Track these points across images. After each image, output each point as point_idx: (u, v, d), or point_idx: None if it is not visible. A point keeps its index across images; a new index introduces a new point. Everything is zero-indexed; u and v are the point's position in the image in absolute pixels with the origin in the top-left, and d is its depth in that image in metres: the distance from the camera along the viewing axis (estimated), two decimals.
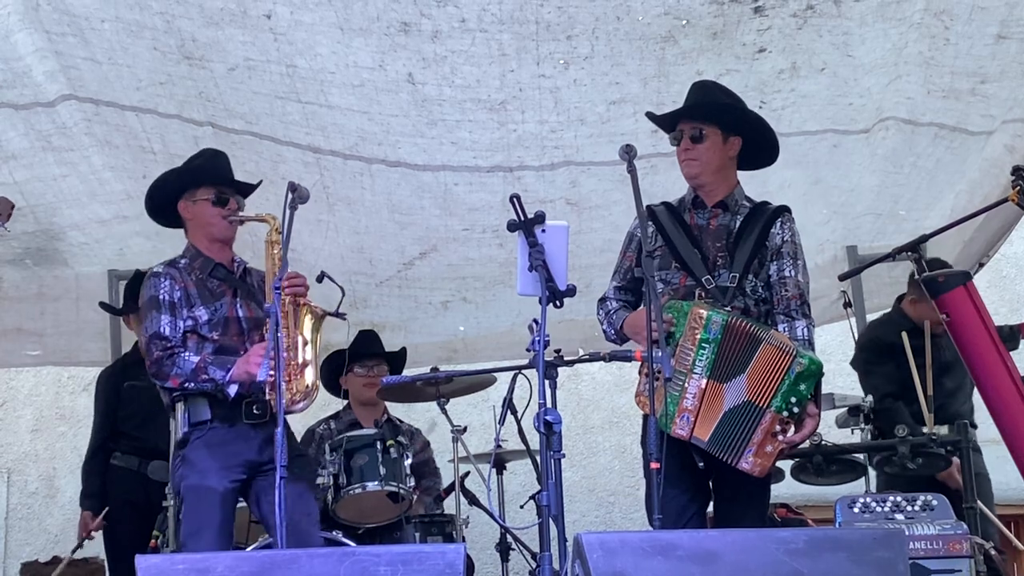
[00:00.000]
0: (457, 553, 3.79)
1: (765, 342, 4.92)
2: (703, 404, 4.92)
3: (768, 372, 4.90)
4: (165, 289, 5.58)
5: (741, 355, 4.94)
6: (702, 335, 4.91)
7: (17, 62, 6.35)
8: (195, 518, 5.38)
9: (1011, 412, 5.27)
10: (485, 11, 5.92)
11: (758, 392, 4.90)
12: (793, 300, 5.22)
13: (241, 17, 6.01)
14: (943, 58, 6.40)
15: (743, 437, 4.89)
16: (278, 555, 4.04)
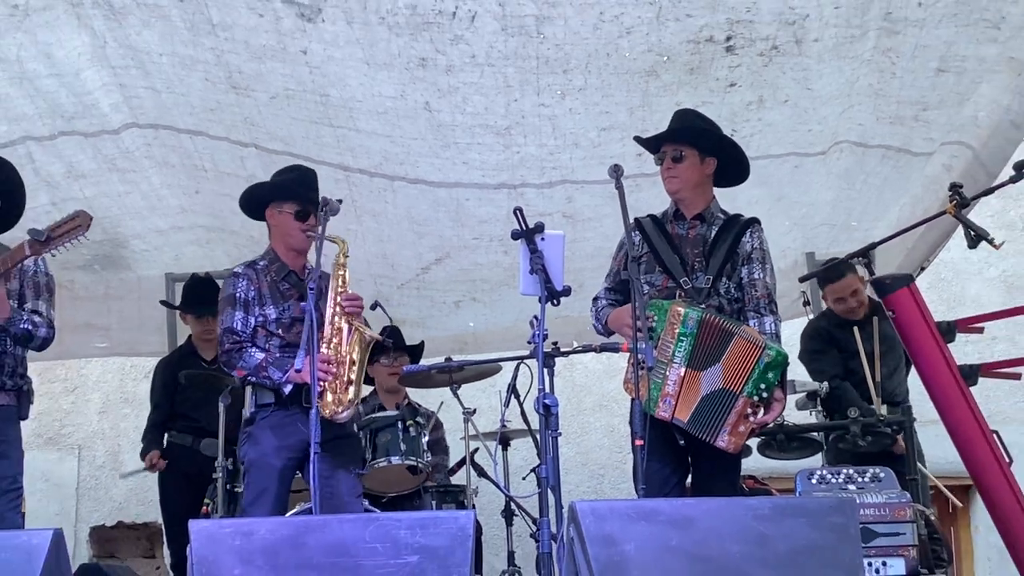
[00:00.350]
0: (468, 518, 3.78)
1: (737, 336, 4.95)
2: (682, 389, 4.95)
3: (741, 362, 4.92)
4: (241, 288, 5.58)
5: (716, 347, 4.96)
6: (680, 329, 4.94)
7: (86, 96, 6.38)
8: (256, 487, 5.40)
9: (948, 396, 5.28)
10: (492, 48, 5.92)
11: (732, 380, 4.92)
12: (762, 299, 5.24)
13: (281, 53, 6.01)
14: (890, 89, 6.41)
15: (719, 419, 4.92)
16: (312, 520, 4.03)
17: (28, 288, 5.33)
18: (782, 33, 5.91)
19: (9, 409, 5.28)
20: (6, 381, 5.26)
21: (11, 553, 3.64)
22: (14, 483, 5.23)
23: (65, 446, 10.13)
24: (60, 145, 6.69)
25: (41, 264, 5.36)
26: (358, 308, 5.47)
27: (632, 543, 3.68)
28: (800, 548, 3.71)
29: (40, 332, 5.26)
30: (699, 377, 4.95)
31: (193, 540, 3.66)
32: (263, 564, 3.62)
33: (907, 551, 4.94)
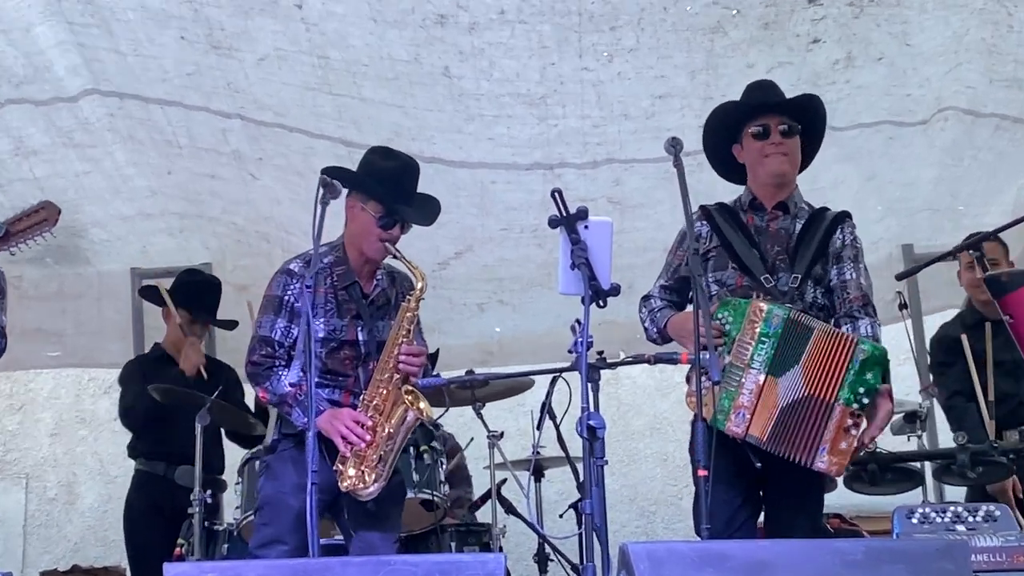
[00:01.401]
0: (498, 563, 3.79)
1: (817, 329, 4.91)
2: (759, 401, 4.86)
3: (828, 362, 4.86)
4: (292, 292, 5.44)
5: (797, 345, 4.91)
6: (762, 328, 4.87)
7: (38, 56, 6.43)
8: (267, 532, 5.35)
9: None
10: (525, 1, 5.94)
11: (820, 385, 4.85)
12: (856, 302, 5.17)
13: (272, 6, 6.05)
14: (1006, 46, 6.40)
15: (813, 434, 4.83)
16: (310, 563, 4.05)
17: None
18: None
19: None
20: None
21: None
22: None
23: (10, 475, 10.20)
24: (6, 115, 6.75)
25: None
26: (415, 368, 5.33)
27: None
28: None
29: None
30: (777, 384, 4.90)
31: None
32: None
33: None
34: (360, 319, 5.39)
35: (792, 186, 5.33)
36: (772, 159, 5.22)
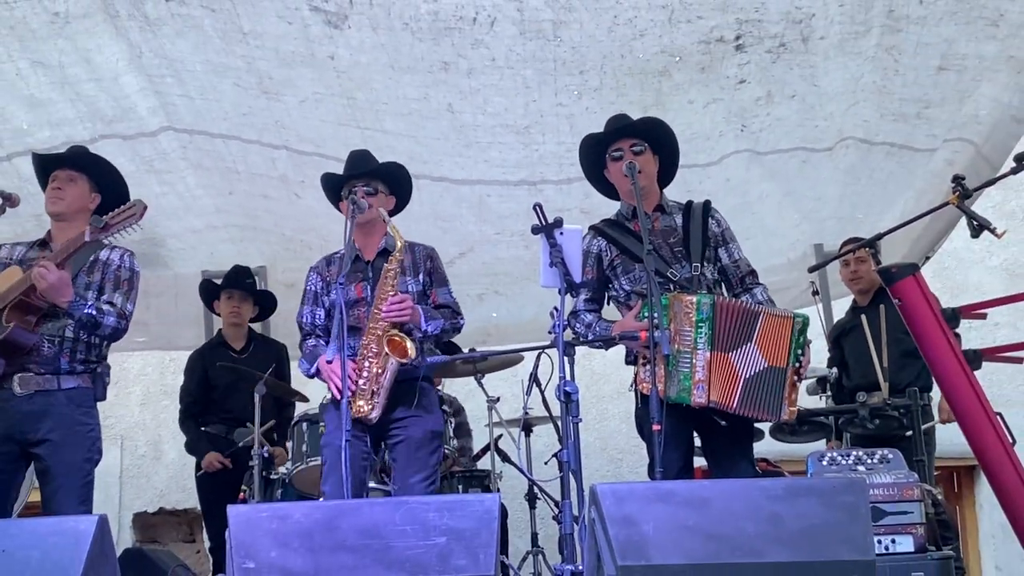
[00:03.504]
0: (493, 501, 3.76)
1: (763, 315, 4.90)
2: (712, 373, 4.84)
3: (778, 337, 4.88)
4: (311, 282, 5.55)
5: (741, 327, 4.88)
6: (696, 316, 4.84)
7: (125, 100, 6.40)
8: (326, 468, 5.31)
9: (953, 380, 5.25)
10: (511, 51, 5.93)
11: (775, 357, 4.87)
12: (747, 276, 5.26)
13: (309, 58, 6.02)
14: (893, 87, 6.39)
15: (778, 396, 4.87)
16: (345, 504, 4.03)
17: (109, 281, 5.31)
18: (789, 31, 5.91)
19: (82, 392, 5.19)
20: (77, 367, 5.21)
21: (60, 538, 3.65)
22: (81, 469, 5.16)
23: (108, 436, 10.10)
24: (101, 148, 6.66)
25: (126, 259, 5.35)
26: (399, 313, 5.23)
27: (651, 523, 3.66)
28: (812, 527, 3.68)
29: (107, 320, 5.15)
30: (728, 358, 4.86)
31: (231, 524, 3.66)
32: (298, 546, 3.61)
33: (915, 529, 4.91)
34: (365, 281, 5.32)
35: (657, 191, 5.28)
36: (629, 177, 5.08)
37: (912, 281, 5.41)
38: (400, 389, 5.29)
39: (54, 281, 4.94)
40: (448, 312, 5.50)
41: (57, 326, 5.14)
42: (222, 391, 7.30)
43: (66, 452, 5.09)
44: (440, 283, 5.55)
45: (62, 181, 5.32)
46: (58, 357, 5.14)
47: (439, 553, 3.63)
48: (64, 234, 5.25)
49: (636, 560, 3.60)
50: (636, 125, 5.28)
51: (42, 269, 4.92)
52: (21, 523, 4.07)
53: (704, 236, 5.17)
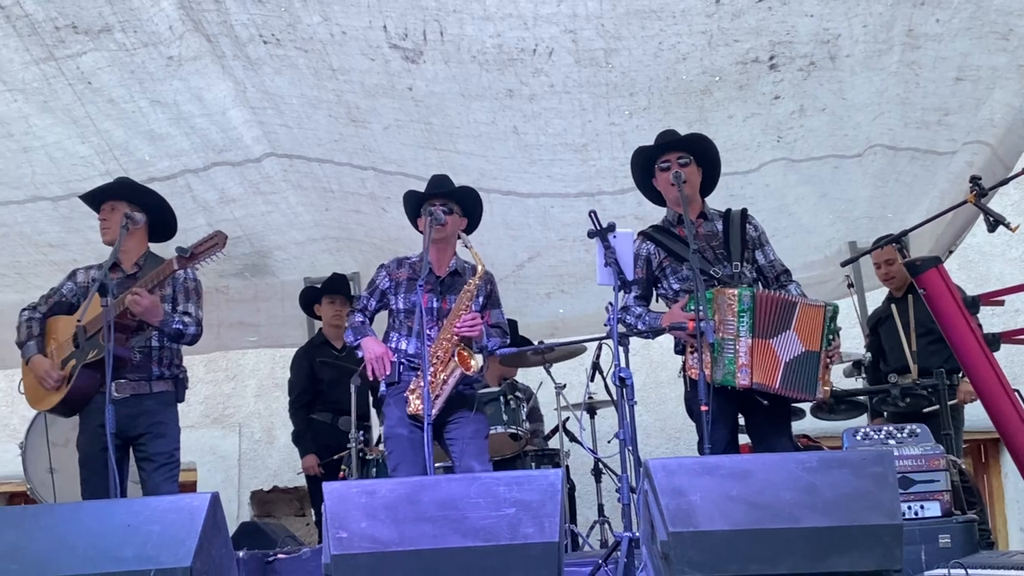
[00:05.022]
0: (556, 475, 3.75)
1: (800, 305, 4.88)
2: (754, 357, 4.81)
3: (813, 325, 4.85)
4: (380, 277, 5.54)
5: (779, 316, 4.85)
6: (738, 307, 4.83)
7: (232, 131, 6.46)
8: (393, 460, 5.34)
9: (975, 361, 5.18)
10: (568, 78, 5.90)
11: (810, 342, 4.85)
12: (782, 274, 5.22)
13: (391, 90, 6.03)
14: (915, 98, 6.27)
15: (813, 377, 4.85)
16: (426, 480, 4.03)
17: (180, 293, 5.46)
18: (818, 51, 5.82)
19: (167, 395, 5.42)
20: (164, 371, 5.40)
21: (177, 514, 3.71)
22: (170, 458, 5.35)
23: (228, 424, 10.31)
24: (213, 175, 6.79)
25: (190, 272, 5.46)
26: (470, 330, 5.24)
27: (698, 494, 3.63)
28: (845, 495, 3.64)
29: (190, 330, 5.40)
30: (769, 344, 4.84)
31: (327, 499, 3.69)
32: (385, 518, 3.63)
33: (941, 496, 4.84)
34: (432, 292, 5.31)
35: (700, 199, 5.24)
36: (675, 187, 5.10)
37: (935, 273, 5.34)
38: (459, 397, 5.34)
39: (148, 305, 5.15)
40: (499, 331, 5.55)
41: (144, 338, 5.36)
42: (326, 384, 7.36)
43: (159, 444, 5.32)
44: (495, 305, 5.58)
45: (106, 213, 5.49)
46: (148, 365, 5.36)
47: (509, 522, 3.62)
48: (128, 257, 5.44)
49: (685, 527, 3.58)
50: (682, 140, 5.26)
51: (136, 296, 5.09)
52: (144, 501, 4.13)
53: (743, 239, 5.15)
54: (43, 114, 6.03)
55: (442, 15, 5.47)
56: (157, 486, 5.23)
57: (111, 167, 6.44)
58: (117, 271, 5.42)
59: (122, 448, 5.20)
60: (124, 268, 5.46)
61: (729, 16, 5.51)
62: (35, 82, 5.77)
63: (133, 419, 5.25)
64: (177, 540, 3.62)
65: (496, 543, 3.59)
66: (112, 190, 5.54)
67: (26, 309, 5.55)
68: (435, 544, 3.59)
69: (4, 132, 6.13)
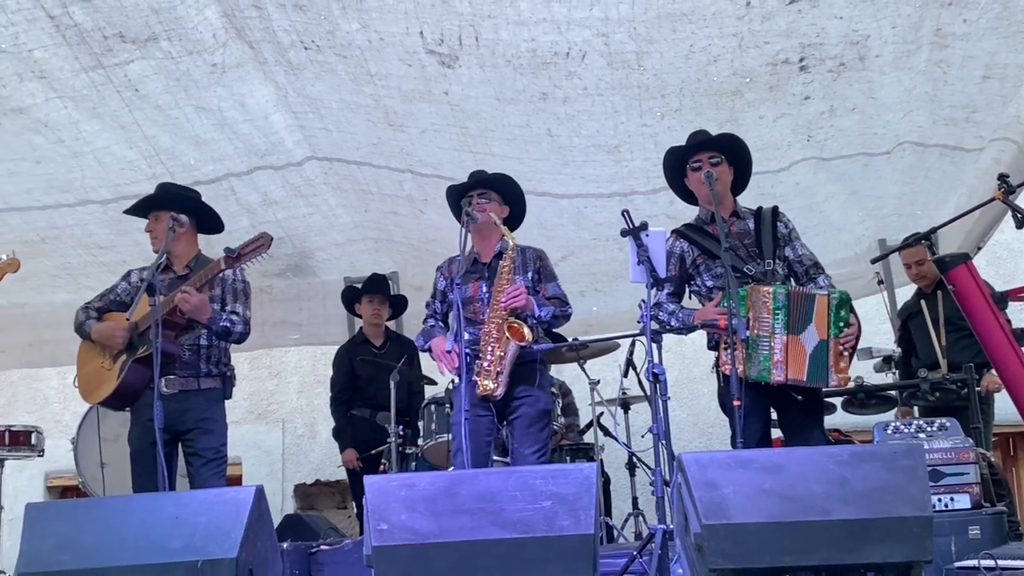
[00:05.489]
0: (591, 469, 3.74)
1: (817, 295, 4.83)
2: (788, 354, 4.78)
3: (824, 314, 4.80)
4: (437, 280, 5.59)
5: (804, 311, 4.81)
6: (773, 305, 4.79)
7: (274, 135, 6.50)
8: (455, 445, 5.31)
9: (1003, 354, 5.14)
10: (600, 80, 5.89)
11: (821, 330, 4.79)
12: (811, 267, 5.15)
13: (427, 95, 6.05)
14: (943, 96, 6.21)
15: (826, 366, 4.78)
16: (464, 473, 4.04)
17: (228, 293, 5.51)
18: (847, 52, 5.77)
19: (215, 392, 5.45)
20: (212, 369, 5.43)
21: (224, 506, 3.73)
22: (218, 453, 5.38)
23: (272, 420, 10.37)
24: (256, 178, 6.83)
25: (239, 273, 5.50)
26: (515, 300, 5.21)
27: (731, 487, 3.61)
28: (875, 488, 3.60)
29: (237, 328, 5.44)
30: (799, 340, 4.79)
31: (367, 492, 3.69)
32: (424, 510, 3.63)
33: (971, 488, 4.80)
34: (481, 280, 5.29)
35: (731, 198, 5.22)
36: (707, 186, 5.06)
37: (964, 269, 5.30)
38: (520, 369, 5.29)
39: (197, 303, 5.20)
40: (557, 302, 5.48)
41: (193, 336, 5.39)
42: (366, 380, 7.38)
43: (207, 439, 5.36)
44: (549, 278, 5.54)
45: (152, 224, 5.52)
46: (197, 362, 5.40)
47: (545, 515, 3.62)
48: (179, 258, 5.51)
49: (718, 519, 3.55)
50: (713, 140, 5.23)
51: (185, 294, 5.13)
52: (191, 494, 4.17)
53: (774, 237, 5.11)
54: (92, 120, 6.10)
55: (477, 20, 5.47)
56: (205, 480, 5.26)
57: (158, 171, 6.50)
58: (169, 272, 5.47)
59: (171, 443, 5.23)
60: (175, 269, 5.51)
61: (759, 18, 5.48)
62: (84, 89, 5.83)
63: (182, 415, 5.29)
64: (223, 532, 3.65)
65: (532, 535, 3.59)
66: (154, 201, 5.57)
67: (82, 307, 5.61)
68: (473, 536, 3.59)
69: (55, 138, 6.19)
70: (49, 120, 6.04)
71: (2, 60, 5.58)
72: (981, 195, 6.76)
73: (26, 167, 6.44)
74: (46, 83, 5.76)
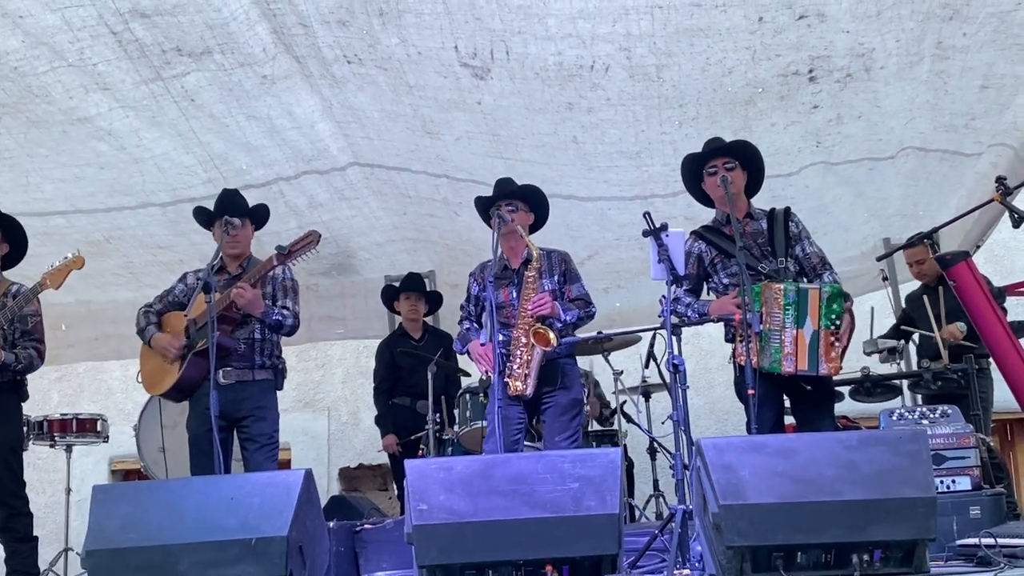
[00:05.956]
0: (616, 454, 3.75)
1: (810, 289, 4.81)
2: (797, 347, 4.77)
3: (814, 306, 4.77)
4: (471, 284, 5.61)
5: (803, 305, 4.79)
6: (784, 300, 4.78)
7: (320, 142, 6.52)
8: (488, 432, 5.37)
9: (1001, 346, 5.13)
10: (623, 92, 5.88)
11: (814, 322, 4.76)
12: (818, 264, 5.12)
13: (462, 104, 6.05)
14: (944, 104, 6.18)
15: (817, 355, 4.75)
16: (498, 457, 4.06)
17: (278, 290, 5.52)
18: (854, 64, 5.74)
19: (268, 383, 5.47)
20: (265, 361, 5.45)
21: (275, 488, 3.75)
22: (270, 439, 5.39)
23: (318, 408, 10.40)
24: (302, 182, 6.85)
25: (288, 271, 5.52)
26: (541, 308, 5.22)
27: (747, 469, 3.60)
28: (882, 470, 3.58)
29: (288, 322, 5.45)
30: (803, 333, 4.79)
31: (408, 475, 3.71)
32: (461, 491, 3.64)
33: (971, 471, 4.77)
34: (511, 286, 5.27)
35: (745, 200, 5.19)
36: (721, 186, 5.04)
37: (964, 266, 5.28)
38: (547, 369, 5.30)
39: (251, 298, 5.22)
40: (582, 303, 5.47)
41: (248, 330, 5.42)
42: (406, 371, 7.39)
43: (261, 426, 5.37)
44: (573, 280, 5.52)
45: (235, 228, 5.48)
46: (251, 355, 5.43)
47: (573, 496, 3.62)
48: (233, 261, 5.53)
49: (735, 500, 3.55)
50: (728, 146, 5.21)
51: (240, 290, 5.13)
52: (245, 477, 4.20)
53: (786, 236, 5.09)
54: (152, 128, 6.14)
55: (508, 36, 5.46)
56: (259, 464, 5.28)
57: (212, 175, 6.54)
58: (223, 273, 5.49)
59: (227, 429, 5.26)
60: (229, 270, 5.53)
61: (771, 33, 5.45)
62: (144, 100, 5.88)
63: (237, 403, 5.31)
64: (275, 512, 3.67)
65: (562, 515, 3.59)
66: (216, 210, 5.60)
67: (143, 307, 5.65)
68: (506, 515, 3.60)
69: (117, 145, 6.24)
70: (112, 128, 6.09)
71: (69, 73, 5.62)
72: (980, 197, 6.71)
73: (91, 172, 6.49)
74: (109, 94, 5.81)
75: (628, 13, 5.28)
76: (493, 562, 3.59)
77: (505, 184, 5.56)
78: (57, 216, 6.87)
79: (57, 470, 8.41)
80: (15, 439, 5.46)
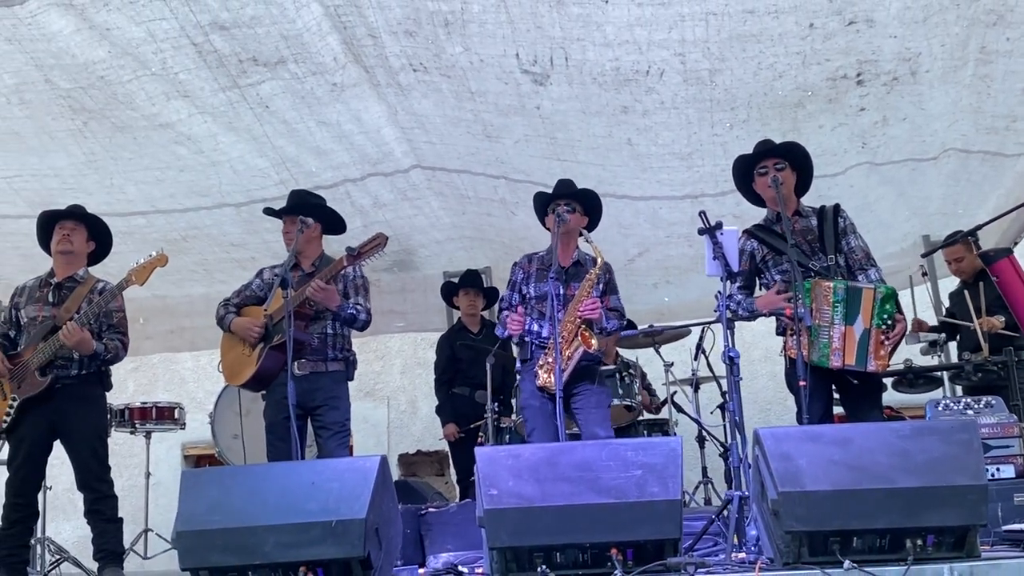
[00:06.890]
0: (677, 442, 3.76)
1: (864, 288, 4.76)
2: (845, 343, 4.74)
3: (869, 306, 4.72)
4: (515, 273, 5.55)
5: (856, 303, 4.75)
6: (833, 298, 4.75)
7: (384, 146, 6.56)
8: (528, 427, 5.39)
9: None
10: (676, 95, 5.85)
11: (866, 320, 4.72)
12: (863, 259, 5.04)
13: (521, 109, 6.06)
14: (986, 107, 6.08)
15: (866, 351, 4.71)
16: (564, 445, 4.06)
17: (350, 288, 5.57)
18: (900, 68, 5.68)
19: (340, 374, 5.53)
20: (337, 354, 5.51)
21: (353, 473, 3.79)
22: (342, 427, 5.44)
23: (378, 397, 10.45)
24: (368, 184, 6.90)
25: (358, 270, 5.57)
26: (591, 313, 5.21)
27: (804, 458, 3.60)
28: (935, 459, 3.56)
29: (361, 316, 5.50)
30: (852, 330, 4.75)
31: (478, 461, 3.73)
32: (528, 477, 3.66)
33: (1015, 459, 4.74)
34: (557, 281, 5.19)
35: (795, 199, 5.14)
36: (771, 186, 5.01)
37: (1007, 262, 5.25)
38: (583, 367, 5.30)
39: (327, 293, 5.28)
40: (617, 314, 5.51)
41: (321, 325, 5.48)
42: (465, 363, 7.41)
43: (333, 415, 5.43)
44: (612, 291, 5.53)
45: (287, 227, 5.56)
46: (324, 348, 5.48)
47: (636, 482, 3.64)
48: (306, 257, 5.59)
49: (793, 487, 3.55)
50: (778, 147, 5.18)
51: (316, 285, 5.15)
52: (324, 462, 4.26)
53: (836, 233, 5.05)
54: (228, 133, 6.22)
55: (567, 43, 5.47)
56: (332, 451, 5.34)
57: (284, 177, 6.61)
58: (297, 270, 5.54)
59: (302, 417, 5.30)
60: (303, 268, 5.58)
61: (821, 38, 5.41)
62: (222, 106, 5.95)
63: (312, 393, 5.37)
64: (354, 495, 3.71)
65: (625, 500, 3.61)
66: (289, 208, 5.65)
67: (222, 301, 5.72)
68: (572, 500, 3.62)
69: (196, 149, 6.32)
70: (191, 133, 6.17)
71: (152, 82, 5.71)
72: (1018, 196, 6.66)
73: (171, 175, 6.59)
74: (189, 101, 5.89)
75: (684, 20, 5.26)
76: (561, 545, 3.61)
77: (566, 185, 5.57)
78: (138, 216, 6.98)
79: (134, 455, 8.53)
80: (101, 427, 5.55)
